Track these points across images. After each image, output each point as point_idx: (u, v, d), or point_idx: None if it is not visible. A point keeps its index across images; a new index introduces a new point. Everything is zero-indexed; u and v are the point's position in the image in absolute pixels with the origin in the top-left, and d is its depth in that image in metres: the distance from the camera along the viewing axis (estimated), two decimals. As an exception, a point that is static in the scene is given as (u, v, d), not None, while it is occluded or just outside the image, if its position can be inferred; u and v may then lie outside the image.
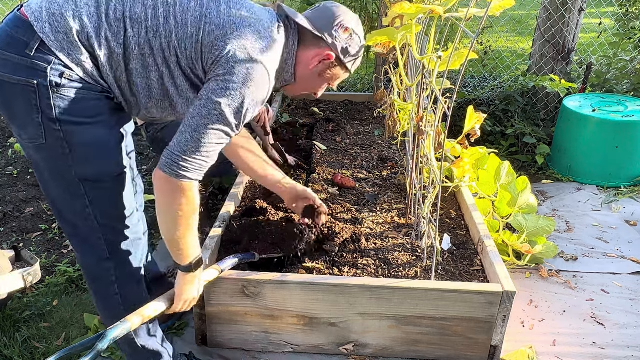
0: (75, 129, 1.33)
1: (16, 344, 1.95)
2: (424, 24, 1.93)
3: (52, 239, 2.67)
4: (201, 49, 1.34)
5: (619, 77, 4.05)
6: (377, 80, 4.03)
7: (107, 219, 1.46)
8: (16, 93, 1.28)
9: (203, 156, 1.33)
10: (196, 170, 1.34)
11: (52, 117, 1.30)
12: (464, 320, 1.80)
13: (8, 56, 1.27)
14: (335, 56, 1.53)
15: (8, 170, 3.19)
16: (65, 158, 1.35)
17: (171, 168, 1.31)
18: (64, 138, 1.33)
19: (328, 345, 1.89)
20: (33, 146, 1.36)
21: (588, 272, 2.44)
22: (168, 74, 1.37)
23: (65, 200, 1.43)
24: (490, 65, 4.72)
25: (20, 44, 1.26)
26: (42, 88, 1.27)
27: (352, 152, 3.05)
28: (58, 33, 1.27)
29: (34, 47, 1.26)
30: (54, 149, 1.34)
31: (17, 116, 1.33)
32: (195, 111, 1.32)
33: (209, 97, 1.31)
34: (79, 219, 1.44)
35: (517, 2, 3.31)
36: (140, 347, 1.63)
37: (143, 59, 1.34)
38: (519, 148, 3.75)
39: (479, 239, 2.11)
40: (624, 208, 3.03)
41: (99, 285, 1.54)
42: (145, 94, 1.40)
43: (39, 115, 1.29)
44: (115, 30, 1.30)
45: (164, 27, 1.33)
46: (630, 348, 1.99)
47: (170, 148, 1.33)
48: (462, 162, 1.85)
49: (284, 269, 1.97)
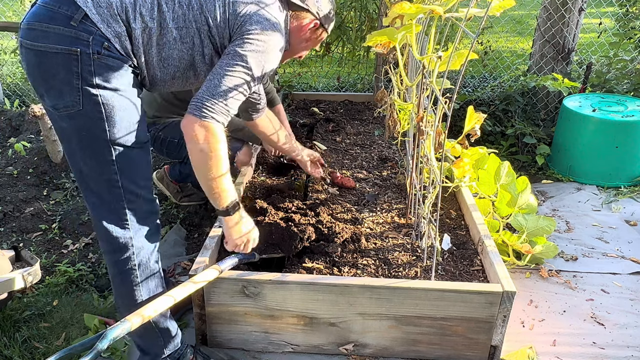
0: (113, 94, 1.44)
1: (16, 344, 1.95)
2: (424, 24, 1.93)
3: (52, 239, 2.67)
4: (228, 17, 1.53)
5: (619, 77, 4.05)
6: (377, 80, 4.03)
7: (133, 186, 1.53)
8: (57, 62, 1.38)
9: (228, 100, 1.49)
10: (222, 113, 1.49)
11: (92, 82, 1.40)
12: (464, 320, 1.80)
13: (52, 28, 1.37)
14: (319, 23, 1.82)
15: (8, 170, 3.19)
16: (101, 123, 1.44)
17: (200, 110, 1.46)
18: (102, 102, 1.43)
19: (328, 345, 1.89)
20: (67, 114, 1.44)
21: (588, 272, 2.44)
22: (199, 43, 1.53)
23: (93, 168, 1.50)
24: (490, 65, 4.72)
25: (64, 17, 1.37)
26: (84, 55, 1.38)
27: (352, 152, 3.06)
28: (100, 7, 1.40)
29: (78, 20, 1.37)
30: (90, 115, 1.43)
31: (55, 85, 1.41)
32: (223, 62, 1.51)
33: (236, 50, 1.51)
34: (105, 187, 1.51)
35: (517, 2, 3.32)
36: (152, 323, 1.65)
37: (177, 32, 1.49)
38: (519, 148, 3.75)
39: (479, 239, 2.11)
40: (624, 208, 3.03)
41: (118, 257, 1.57)
42: (174, 66, 1.55)
43: (79, 82, 1.39)
44: (150, 6, 1.46)
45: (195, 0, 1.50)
46: (630, 348, 1.99)
47: (198, 94, 1.48)
48: (462, 162, 1.85)
49: (284, 269, 1.97)
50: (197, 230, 2.77)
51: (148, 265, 1.62)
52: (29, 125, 3.76)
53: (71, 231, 2.74)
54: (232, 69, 1.50)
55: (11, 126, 3.84)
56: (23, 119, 3.84)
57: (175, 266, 2.45)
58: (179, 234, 2.72)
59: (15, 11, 5.16)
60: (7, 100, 4.34)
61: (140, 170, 1.56)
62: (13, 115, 3.90)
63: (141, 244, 1.58)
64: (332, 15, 1.87)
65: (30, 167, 3.22)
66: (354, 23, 4.18)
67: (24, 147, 3.33)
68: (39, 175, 3.19)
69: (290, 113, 3.71)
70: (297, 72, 4.94)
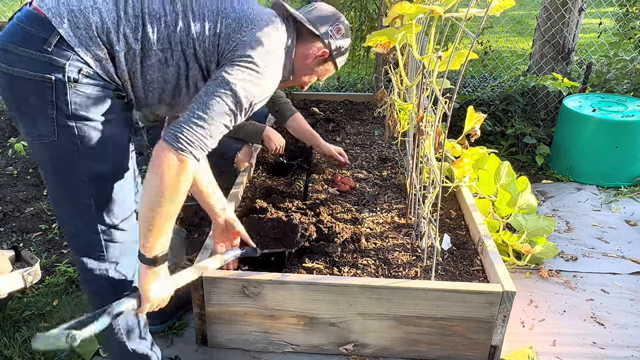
0: (90, 126, 1.34)
1: (16, 344, 1.95)
2: (424, 24, 1.93)
3: (52, 239, 2.67)
4: (218, 42, 1.38)
5: (619, 77, 4.05)
6: (377, 80, 4.03)
7: (108, 219, 1.45)
8: (31, 89, 1.29)
9: (209, 135, 1.33)
10: (199, 147, 1.32)
11: (67, 113, 1.30)
12: (464, 320, 1.80)
13: (25, 52, 1.27)
14: (328, 53, 1.66)
15: (8, 170, 3.19)
16: (76, 155, 1.35)
17: (177, 140, 1.30)
18: (77, 134, 1.33)
19: (328, 345, 1.89)
20: (41, 144, 1.35)
21: (588, 272, 2.44)
22: (184, 67, 1.40)
23: (68, 199, 1.43)
24: (490, 65, 4.72)
25: (38, 40, 1.26)
26: (59, 83, 1.27)
27: (352, 152, 3.05)
28: (77, 29, 1.28)
29: (53, 43, 1.26)
30: (64, 146, 1.34)
31: (29, 113, 1.32)
32: (209, 89, 1.34)
33: (224, 78, 1.34)
34: (80, 219, 1.44)
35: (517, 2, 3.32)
36: (131, 350, 1.61)
37: (162, 54, 1.36)
38: (519, 148, 3.75)
39: (479, 239, 2.11)
40: (624, 208, 3.03)
41: (93, 287, 1.53)
42: (159, 89, 1.42)
43: (54, 112, 1.30)
44: (134, 26, 1.32)
45: (182, 21, 1.36)
46: (630, 348, 1.99)
47: (178, 121, 1.33)
48: (462, 162, 1.86)
49: (284, 268, 1.97)
50: (197, 230, 2.77)
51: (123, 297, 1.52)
52: (29, 125, 3.76)
53: (71, 231, 2.74)
54: (219, 99, 1.33)
55: (11, 126, 3.84)
56: (23, 119, 3.84)
57: (175, 266, 2.45)
58: (179, 234, 2.71)
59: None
60: (7, 100, 4.33)
61: (118, 202, 1.45)
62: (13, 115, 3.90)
63: (117, 275, 1.50)
64: (346, 49, 1.71)
65: (30, 167, 3.22)
66: (354, 23, 4.18)
67: (24, 147, 3.33)
68: (39, 175, 3.19)
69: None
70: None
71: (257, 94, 1.39)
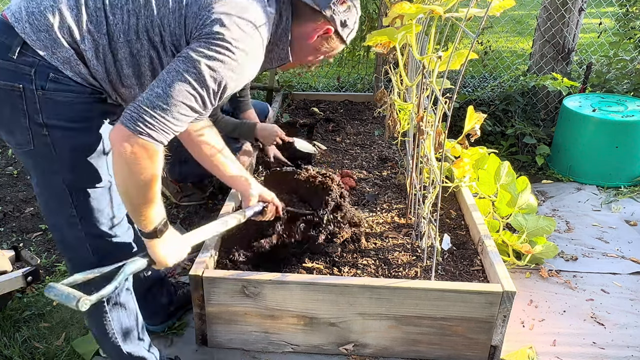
0: (63, 134, 1.29)
1: (16, 344, 1.95)
2: (424, 24, 1.93)
3: (52, 239, 2.67)
4: (185, 22, 1.26)
5: (619, 77, 4.05)
6: (377, 80, 4.03)
7: (94, 228, 1.41)
8: (2, 98, 1.25)
9: (172, 117, 1.21)
10: (162, 131, 1.20)
11: (39, 121, 1.26)
12: (464, 320, 1.80)
13: None
14: (334, 30, 1.47)
15: (8, 170, 3.19)
16: (53, 164, 1.31)
17: (135, 123, 1.17)
18: (52, 144, 1.29)
19: (328, 345, 1.89)
20: (22, 152, 1.33)
21: (588, 272, 2.44)
22: (156, 56, 1.30)
23: (52, 206, 1.40)
24: (490, 65, 4.72)
25: (2, 48, 1.22)
26: (27, 92, 1.23)
27: (352, 152, 3.06)
28: (39, 32, 1.21)
29: (17, 50, 1.21)
30: (42, 155, 1.31)
31: (4, 122, 1.29)
32: (172, 66, 1.21)
33: (189, 54, 1.21)
34: (65, 226, 1.41)
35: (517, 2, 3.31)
36: (126, 354, 1.60)
37: (130, 45, 1.27)
38: (519, 148, 3.75)
39: (479, 239, 2.11)
40: (624, 208, 3.03)
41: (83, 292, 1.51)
42: (138, 82, 1.33)
43: (27, 120, 1.26)
44: (96, 20, 1.24)
45: (145, 8, 1.25)
46: (630, 348, 1.99)
47: (136, 101, 1.20)
48: (462, 162, 1.86)
49: (284, 268, 1.97)
50: (197, 230, 2.77)
51: (118, 300, 1.53)
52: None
53: (71, 231, 2.74)
54: (183, 77, 1.19)
55: (11, 126, 3.84)
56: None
57: (175, 266, 2.45)
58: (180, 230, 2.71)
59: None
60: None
61: (102, 210, 1.41)
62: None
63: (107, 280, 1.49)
64: (354, 24, 1.52)
65: (30, 167, 3.22)
66: (354, 23, 4.17)
67: (24, 147, 3.33)
68: (39, 175, 3.19)
69: (290, 113, 3.71)
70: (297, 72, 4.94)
71: (228, 75, 1.24)
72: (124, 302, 1.56)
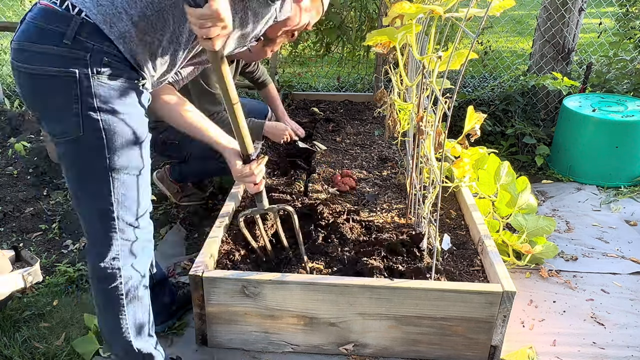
0: (116, 119, 1.33)
1: (16, 344, 1.95)
2: (424, 24, 1.93)
3: (52, 239, 2.67)
4: None
5: (619, 77, 4.05)
6: (377, 80, 4.03)
7: (128, 216, 1.45)
8: (53, 85, 1.28)
9: None
10: None
11: (93, 106, 1.30)
12: (464, 320, 1.80)
13: (44, 48, 1.25)
14: None
15: (8, 170, 3.19)
16: (102, 150, 1.35)
17: None
18: (102, 128, 1.32)
19: (328, 345, 1.89)
20: (65, 141, 1.35)
21: (588, 272, 2.44)
22: None
23: (89, 196, 1.42)
24: (490, 65, 4.72)
25: (55, 35, 1.25)
26: (82, 77, 1.27)
27: (352, 152, 3.05)
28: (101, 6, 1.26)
29: (72, 36, 1.25)
30: (90, 142, 1.34)
31: (52, 110, 1.32)
32: None
33: None
34: (98, 217, 1.43)
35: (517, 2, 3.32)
36: (136, 350, 1.60)
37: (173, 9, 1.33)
38: (519, 148, 3.75)
39: (479, 239, 2.11)
40: (624, 208, 3.03)
41: (104, 285, 1.51)
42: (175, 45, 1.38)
43: (79, 106, 1.29)
44: None
45: None
46: (630, 348, 1.99)
47: None
48: (462, 162, 1.86)
49: (284, 268, 1.97)
50: (197, 230, 2.77)
51: (136, 293, 1.55)
52: (29, 125, 3.76)
53: (71, 231, 2.74)
54: None
55: (11, 126, 3.84)
56: (23, 119, 3.84)
57: (175, 266, 2.45)
58: (178, 234, 2.72)
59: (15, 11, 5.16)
60: (7, 100, 4.34)
61: (137, 198, 1.46)
62: (13, 115, 3.90)
63: (130, 273, 1.51)
64: None
65: (30, 167, 3.22)
66: (354, 23, 4.18)
67: (24, 147, 3.33)
68: (39, 175, 3.19)
69: (290, 113, 3.70)
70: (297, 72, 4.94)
71: None
72: (142, 297, 1.57)
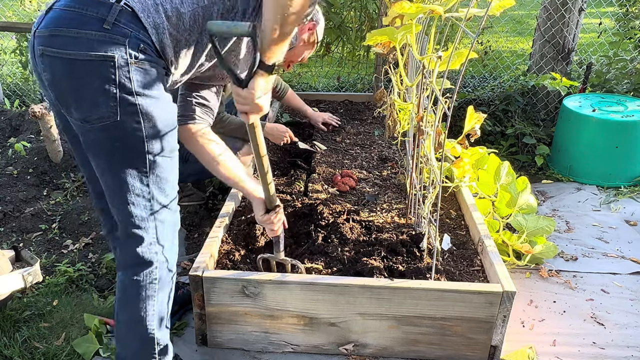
0: (151, 102, 1.36)
1: (16, 344, 1.95)
2: (424, 24, 1.93)
3: (52, 239, 2.67)
4: None
5: (619, 77, 4.05)
6: (377, 80, 4.03)
7: (162, 197, 1.48)
8: (91, 70, 1.29)
9: None
10: None
11: (130, 90, 1.32)
12: (464, 320, 1.80)
13: (83, 34, 1.27)
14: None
15: (8, 170, 3.19)
16: (138, 132, 1.37)
17: None
18: (140, 112, 1.35)
19: (328, 345, 1.89)
20: (102, 126, 1.35)
21: (588, 272, 2.44)
22: None
23: (125, 182, 1.42)
24: (490, 65, 4.72)
25: (96, 20, 1.28)
26: (120, 61, 1.29)
27: (352, 152, 3.05)
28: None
29: (112, 21, 1.28)
30: (126, 126, 1.35)
31: (88, 96, 1.32)
32: None
33: None
34: (135, 200, 1.44)
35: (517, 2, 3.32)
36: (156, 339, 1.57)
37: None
38: (519, 148, 3.75)
39: (479, 239, 2.11)
40: (624, 208, 3.03)
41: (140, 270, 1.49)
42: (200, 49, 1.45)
43: (117, 90, 1.31)
44: None
45: None
46: (630, 348, 1.99)
47: None
48: (462, 162, 1.86)
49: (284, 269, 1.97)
50: (197, 230, 2.77)
51: (166, 280, 1.55)
52: (29, 125, 3.75)
53: (71, 231, 2.74)
54: None
55: (11, 126, 3.84)
56: (23, 119, 3.84)
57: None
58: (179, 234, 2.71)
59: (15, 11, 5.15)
60: (7, 100, 4.34)
61: (170, 180, 1.50)
62: (13, 115, 3.90)
63: (164, 257, 1.52)
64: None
65: (30, 167, 3.22)
66: (354, 23, 4.18)
67: (24, 147, 3.33)
68: (39, 175, 3.18)
69: (290, 113, 3.70)
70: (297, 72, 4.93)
71: None
72: (170, 283, 1.58)
